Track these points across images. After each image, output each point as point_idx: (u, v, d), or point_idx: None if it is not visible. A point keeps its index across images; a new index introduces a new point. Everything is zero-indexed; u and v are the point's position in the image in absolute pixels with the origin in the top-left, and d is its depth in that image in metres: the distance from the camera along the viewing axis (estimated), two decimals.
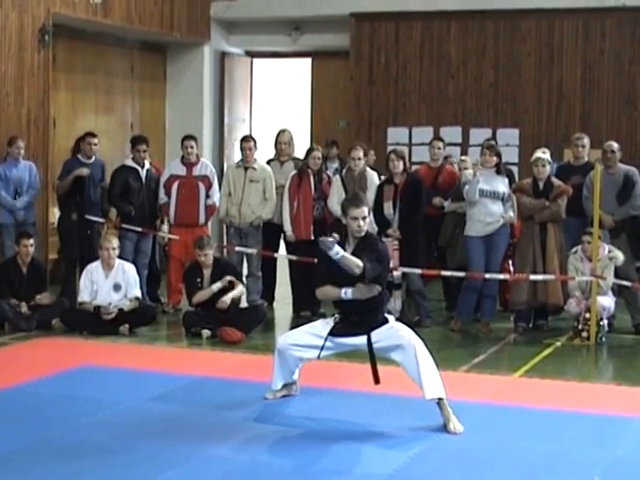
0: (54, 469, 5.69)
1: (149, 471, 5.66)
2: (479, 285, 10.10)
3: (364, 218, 6.73)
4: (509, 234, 10.25)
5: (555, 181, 10.02)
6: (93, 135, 11.25)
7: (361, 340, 6.83)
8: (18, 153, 11.04)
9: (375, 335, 6.78)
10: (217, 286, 9.82)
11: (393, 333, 6.79)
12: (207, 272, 9.96)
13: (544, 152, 10.16)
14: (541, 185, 9.95)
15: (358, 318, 6.81)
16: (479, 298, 10.20)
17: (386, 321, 6.87)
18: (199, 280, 9.95)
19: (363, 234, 6.79)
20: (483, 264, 9.99)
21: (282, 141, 11.29)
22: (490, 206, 9.97)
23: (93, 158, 11.16)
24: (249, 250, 10.91)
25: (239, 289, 9.96)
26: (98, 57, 14.40)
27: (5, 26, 11.96)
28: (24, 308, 9.92)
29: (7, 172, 10.98)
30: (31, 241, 10.18)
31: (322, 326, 6.99)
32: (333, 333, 6.88)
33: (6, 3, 11.93)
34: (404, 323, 10.17)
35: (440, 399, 6.57)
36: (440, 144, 11.30)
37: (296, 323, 10.66)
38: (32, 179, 11.11)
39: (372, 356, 6.82)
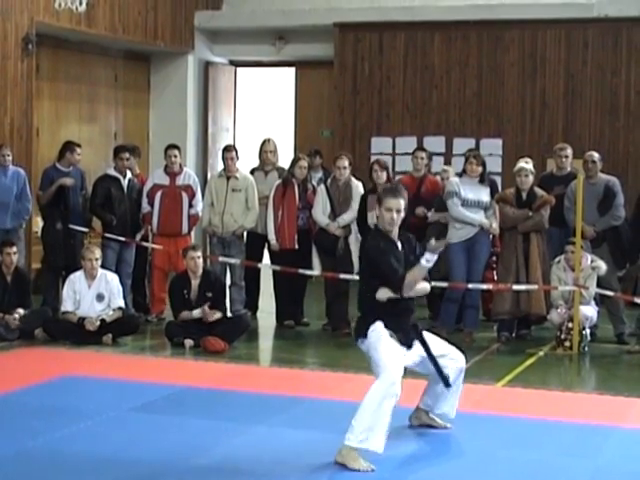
0: (37, 479, 5.67)
1: None
2: (460, 294, 10.13)
3: (398, 211, 6.31)
4: (490, 243, 10.30)
5: (538, 191, 10.06)
6: (78, 145, 11.20)
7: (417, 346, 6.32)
8: (5, 160, 10.99)
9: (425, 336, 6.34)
10: (197, 312, 9.80)
11: (433, 339, 6.43)
12: (195, 283, 9.93)
13: (527, 162, 10.20)
14: (524, 195, 9.98)
15: (409, 318, 6.31)
16: (461, 308, 10.23)
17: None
18: (186, 292, 9.93)
19: (396, 227, 6.36)
20: (465, 271, 10.03)
21: (267, 150, 11.30)
22: (473, 215, 10.00)
23: (71, 167, 11.11)
24: (232, 260, 10.91)
25: (218, 315, 9.87)
26: (82, 66, 14.40)
27: None
28: (12, 321, 9.86)
29: None
30: (14, 249, 10.14)
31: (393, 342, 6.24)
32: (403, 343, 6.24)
33: None
34: None
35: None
36: (423, 154, 11.31)
37: (279, 332, 10.71)
38: (20, 186, 11.03)
39: (433, 356, 6.29)
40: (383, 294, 6.24)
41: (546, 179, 10.88)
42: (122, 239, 10.97)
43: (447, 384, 6.38)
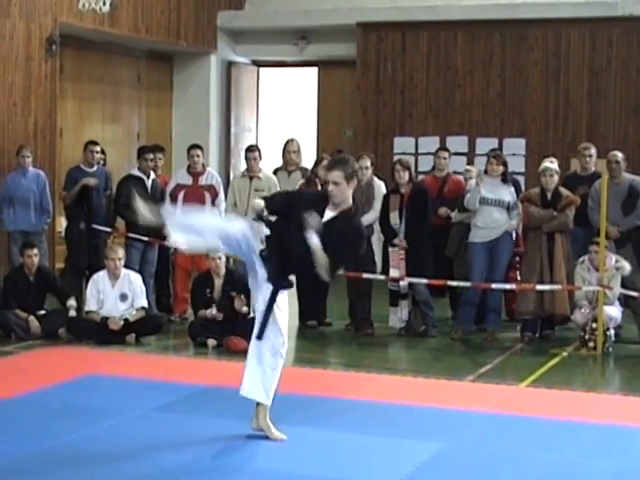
0: (58, 477, 5.68)
1: None
2: (478, 296, 10.11)
3: (335, 183, 6.20)
4: (513, 242, 10.27)
5: (563, 191, 10.01)
6: (95, 143, 11.27)
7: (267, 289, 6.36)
8: (24, 162, 11.07)
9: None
10: (211, 312, 9.81)
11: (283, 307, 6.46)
12: (218, 282, 9.94)
13: (552, 162, 10.16)
14: (549, 195, 9.94)
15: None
16: (484, 311, 10.21)
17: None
18: (209, 290, 9.94)
19: (337, 201, 6.24)
20: (484, 271, 10.02)
21: (290, 150, 11.30)
22: (495, 214, 9.99)
23: (96, 167, 11.17)
24: None
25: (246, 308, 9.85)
26: (105, 66, 14.45)
27: (13, 36, 12.01)
28: (34, 323, 9.92)
29: (15, 181, 11.02)
30: (35, 251, 10.19)
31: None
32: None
33: (14, 13, 11.98)
34: (410, 333, 10.29)
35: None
36: (445, 154, 11.29)
37: (302, 332, 10.70)
38: (40, 188, 11.11)
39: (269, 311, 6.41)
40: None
41: (570, 179, 10.82)
42: (146, 239, 11.00)
43: (260, 335, 6.42)
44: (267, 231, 6.23)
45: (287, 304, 6.54)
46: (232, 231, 6.29)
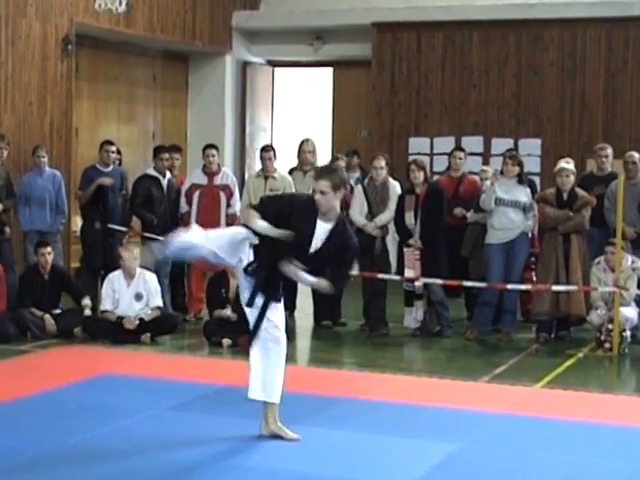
0: (74, 477, 5.70)
1: None
2: (495, 297, 10.09)
3: (322, 192, 6.14)
4: (530, 243, 10.24)
5: (579, 192, 9.98)
6: (110, 143, 11.30)
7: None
8: (40, 162, 11.11)
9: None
10: (228, 315, 9.82)
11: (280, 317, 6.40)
12: (233, 282, 9.92)
13: (568, 162, 10.13)
14: (565, 196, 9.90)
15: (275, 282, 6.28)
16: (499, 311, 10.19)
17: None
18: (224, 291, 9.95)
19: (323, 210, 6.19)
20: (502, 273, 10.00)
21: (306, 150, 11.30)
22: (511, 215, 9.97)
23: (111, 166, 11.20)
24: None
25: None
26: (121, 66, 14.48)
27: (29, 36, 12.05)
28: (50, 321, 9.95)
29: (32, 181, 11.06)
30: (48, 249, 10.23)
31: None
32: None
33: (30, 13, 12.02)
34: (425, 333, 10.28)
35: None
36: (461, 154, 11.27)
37: (317, 333, 10.70)
38: (56, 188, 11.14)
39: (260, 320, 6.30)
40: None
41: (586, 179, 10.78)
42: (161, 238, 10.99)
43: (250, 341, 6.35)
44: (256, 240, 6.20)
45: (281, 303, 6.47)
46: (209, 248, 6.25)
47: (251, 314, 6.37)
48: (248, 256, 6.28)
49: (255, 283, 6.27)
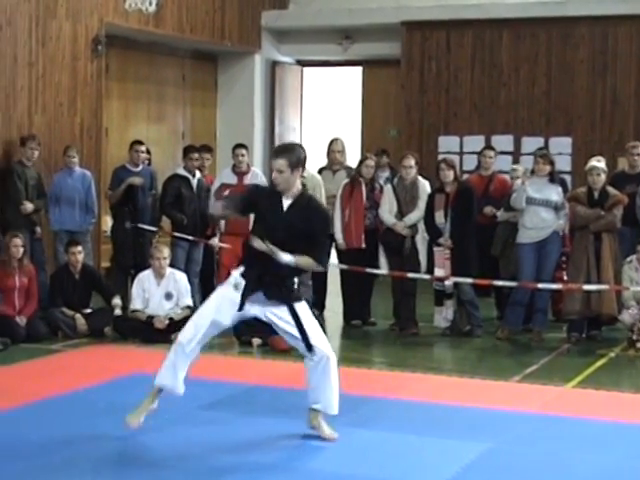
0: (104, 476, 5.72)
1: (198, 479, 5.67)
2: (527, 297, 10.04)
3: (279, 171, 6.17)
4: (561, 243, 10.18)
5: (611, 190, 9.90)
6: (140, 143, 11.35)
7: (278, 311, 6.50)
8: (70, 162, 11.17)
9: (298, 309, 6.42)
10: None
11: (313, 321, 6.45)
12: None
13: (599, 160, 10.06)
14: (596, 194, 9.83)
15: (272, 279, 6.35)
16: (530, 311, 10.13)
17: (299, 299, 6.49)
18: None
19: (281, 188, 6.23)
20: (533, 272, 9.94)
21: (335, 149, 11.29)
22: (543, 214, 9.91)
23: (141, 166, 11.25)
24: None
25: None
26: (150, 66, 14.53)
27: (59, 36, 12.11)
28: (80, 320, 10.01)
29: (62, 181, 11.13)
30: (79, 248, 10.29)
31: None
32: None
33: (60, 14, 12.08)
34: (455, 332, 10.24)
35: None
36: (492, 153, 11.22)
37: (347, 332, 10.69)
38: (86, 188, 11.21)
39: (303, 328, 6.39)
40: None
41: (618, 178, 10.71)
42: (191, 238, 11.04)
43: (309, 348, 6.37)
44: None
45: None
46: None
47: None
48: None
49: (246, 285, 6.37)
